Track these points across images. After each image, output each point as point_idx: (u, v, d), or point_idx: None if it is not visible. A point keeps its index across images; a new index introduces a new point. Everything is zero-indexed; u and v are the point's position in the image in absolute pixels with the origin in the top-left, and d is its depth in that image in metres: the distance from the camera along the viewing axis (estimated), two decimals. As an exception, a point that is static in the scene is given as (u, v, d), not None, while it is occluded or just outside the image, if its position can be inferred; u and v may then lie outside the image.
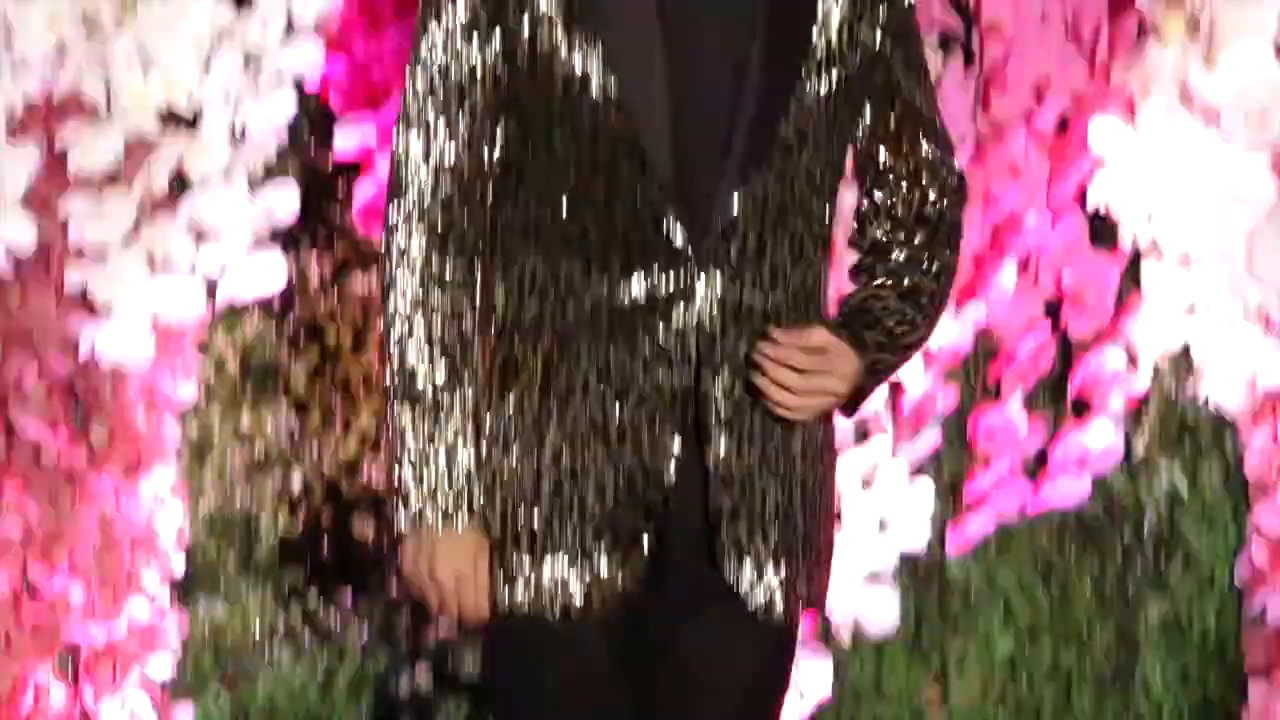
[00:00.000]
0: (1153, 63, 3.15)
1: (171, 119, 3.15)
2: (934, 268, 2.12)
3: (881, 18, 2.08)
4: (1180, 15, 3.12)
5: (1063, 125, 3.21)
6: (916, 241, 2.12)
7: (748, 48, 2.02)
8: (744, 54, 2.01)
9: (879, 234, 2.12)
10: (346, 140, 3.19)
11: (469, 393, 2.03)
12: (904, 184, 2.13)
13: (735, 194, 2.01)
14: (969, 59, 3.23)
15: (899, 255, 2.12)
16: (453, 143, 2.05)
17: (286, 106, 3.10)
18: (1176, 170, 3.16)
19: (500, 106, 2.05)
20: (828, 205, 2.08)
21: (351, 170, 3.26)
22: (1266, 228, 3.18)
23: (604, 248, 2.03)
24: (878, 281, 2.10)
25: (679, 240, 2.01)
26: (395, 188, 2.07)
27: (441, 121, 2.05)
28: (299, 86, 3.12)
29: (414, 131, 2.06)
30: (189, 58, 3.08)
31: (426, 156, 2.05)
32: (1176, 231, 3.17)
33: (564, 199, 2.03)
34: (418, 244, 2.05)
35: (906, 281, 2.10)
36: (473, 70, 2.04)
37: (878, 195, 2.13)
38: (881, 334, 2.05)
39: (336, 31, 3.13)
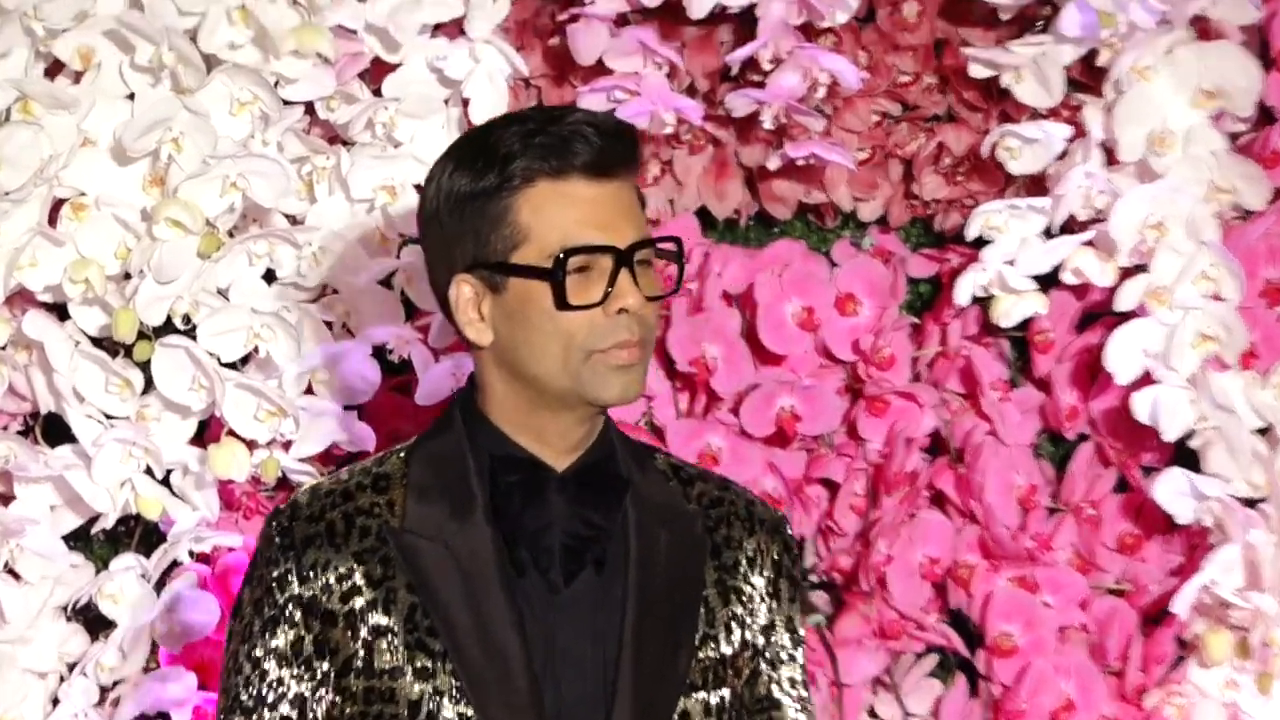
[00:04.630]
0: (1195, 687, 3.12)
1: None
2: None
3: (770, 619, 2.23)
4: (1225, 632, 3.09)
5: (1088, 760, 3.18)
6: None
7: (618, 664, 2.12)
8: (615, 671, 2.12)
9: None
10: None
11: None
12: None
13: None
14: (974, 684, 3.22)
15: None
16: None
17: (151, 749, 3.08)
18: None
19: None
20: None
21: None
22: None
23: None
24: None
25: None
26: None
27: None
28: (167, 722, 3.12)
29: None
30: (34, 693, 3.12)
31: None
32: None
33: None
34: None
35: None
36: (297, 700, 2.11)
37: None
38: None
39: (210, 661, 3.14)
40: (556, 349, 2.11)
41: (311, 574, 2.12)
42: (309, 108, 3.15)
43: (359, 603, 2.12)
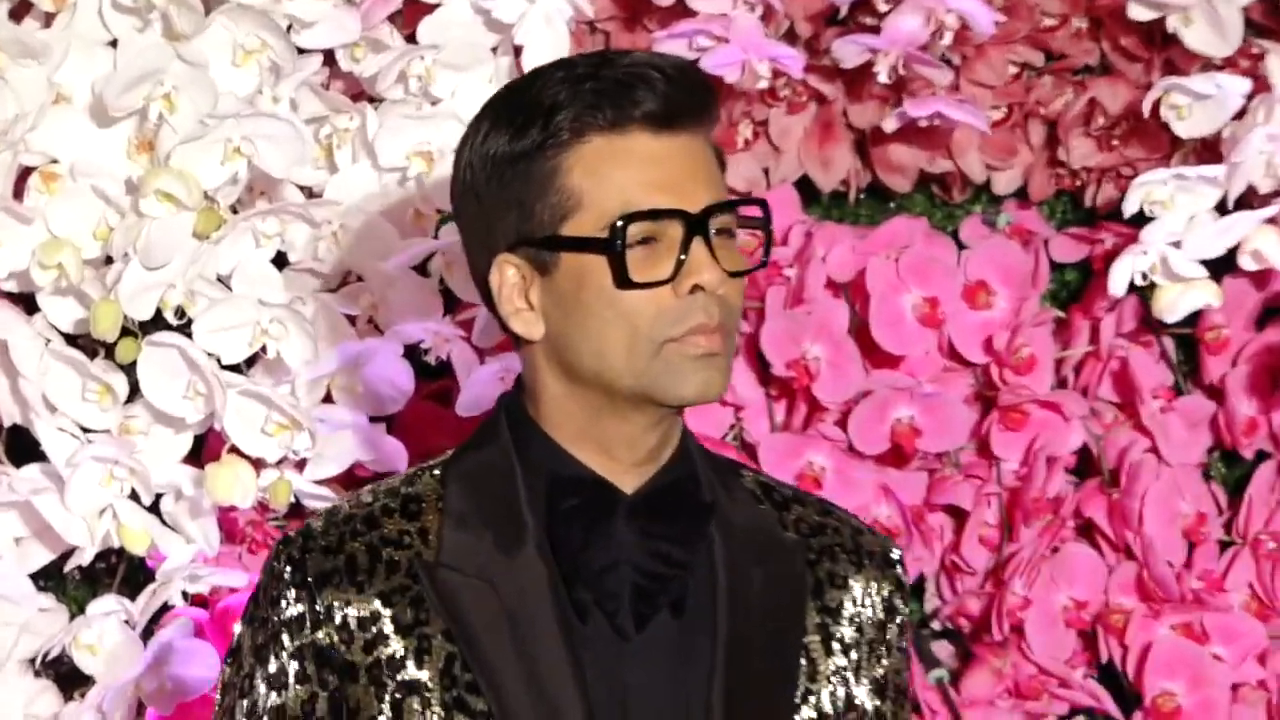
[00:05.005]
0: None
1: None
2: None
3: (879, 673, 2.16)
4: None
5: None
6: None
7: None
8: None
9: None
10: None
11: None
12: None
13: None
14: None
15: None
16: None
17: None
18: None
19: None
20: None
21: None
22: None
23: None
24: None
25: None
26: None
27: None
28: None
29: None
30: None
31: None
32: None
33: None
34: None
35: None
36: None
37: None
38: None
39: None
40: (619, 338, 2.02)
41: (328, 617, 2.03)
42: (329, 57, 3.04)
43: (385, 653, 2.03)
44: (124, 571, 3.09)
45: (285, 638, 2.04)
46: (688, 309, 2.01)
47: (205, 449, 3.00)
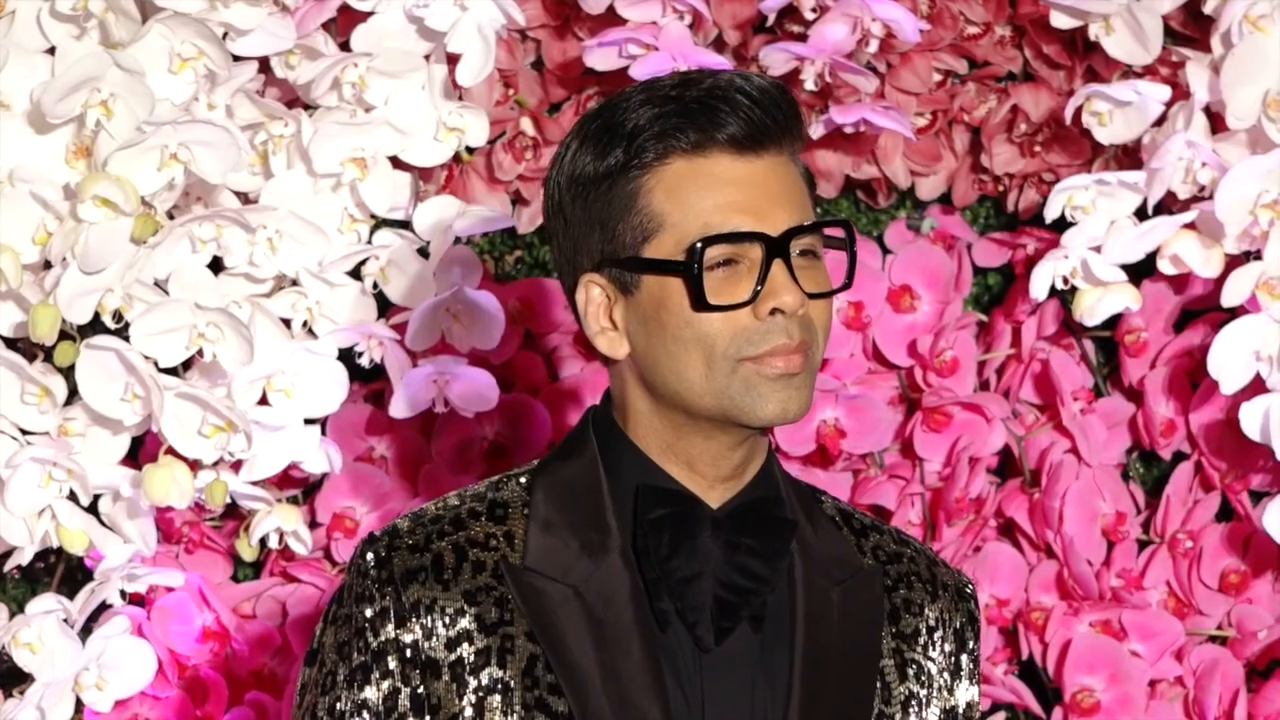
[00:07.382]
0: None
1: None
2: None
3: (951, 704, 2.19)
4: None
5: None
6: None
7: None
8: None
9: None
10: None
11: None
12: None
13: None
14: (1049, 747, 3.16)
15: None
16: None
17: None
18: None
19: None
20: None
21: None
22: None
23: None
24: None
25: None
26: None
27: None
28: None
29: None
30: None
31: None
32: None
33: None
34: None
35: None
36: None
37: None
38: None
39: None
40: (697, 359, 2.05)
41: (413, 615, 2.06)
42: (264, 65, 3.06)
43: (468, 651, 2.05)
44: (63, 571, 3.12)
45: (369, 635, 2.06)
46: (767, 330, 2.02)
47: (143, 451, 3.02)
